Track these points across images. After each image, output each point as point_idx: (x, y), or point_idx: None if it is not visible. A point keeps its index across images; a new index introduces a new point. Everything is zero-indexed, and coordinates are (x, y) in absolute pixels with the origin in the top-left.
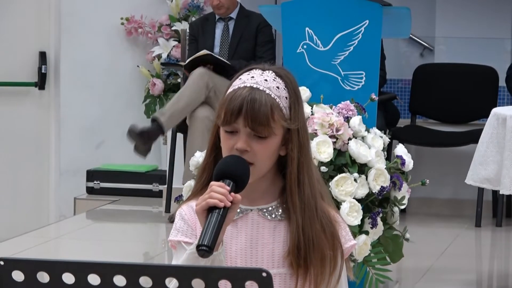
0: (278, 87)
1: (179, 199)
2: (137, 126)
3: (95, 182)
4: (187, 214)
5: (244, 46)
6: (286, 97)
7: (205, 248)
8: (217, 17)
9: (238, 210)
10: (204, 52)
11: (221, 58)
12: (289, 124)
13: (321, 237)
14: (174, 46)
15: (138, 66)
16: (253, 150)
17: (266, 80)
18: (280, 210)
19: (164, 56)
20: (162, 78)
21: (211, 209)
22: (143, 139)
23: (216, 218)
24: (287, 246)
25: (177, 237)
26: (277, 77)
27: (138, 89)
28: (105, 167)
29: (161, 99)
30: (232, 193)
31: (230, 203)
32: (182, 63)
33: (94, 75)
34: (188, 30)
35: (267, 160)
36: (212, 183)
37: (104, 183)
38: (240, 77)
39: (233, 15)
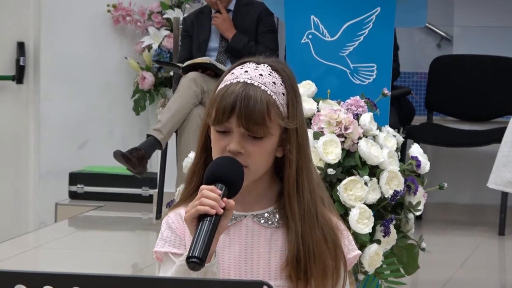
0: (274, 83)
1: (171, 204)
2: (122, 151)
3: (78, 186)
4: (175, 222)
5: None
6: (283, 94)
7: (196, 260)
8: (213, 10)
9: (232, 217)
10: (206, 59)
11: (222, 68)
12: (286, 123)
13: (322, 247)
14: (165, 36)
15: (126, 58)
16: (247, 152)
17: (261, 74)
18: (277, 216)
19: (155, 47)
20: (152, 71)
21: (201, 217)
22: (137, 162)
23: (207, 227)
24: (284, 256)
25: (164, 248)
26: (273, 71)
27: (126, 83)
28: (90, 169)
29: (152, 94)
30: (225, 199)
31: (222, 210)
32: (180, 65)
33: (78, 68)
34: (181, 24)
35: (263, 162)
36: (203, 187)
37: (88, 187)
38: (232, 71)
39: (231, 6)
